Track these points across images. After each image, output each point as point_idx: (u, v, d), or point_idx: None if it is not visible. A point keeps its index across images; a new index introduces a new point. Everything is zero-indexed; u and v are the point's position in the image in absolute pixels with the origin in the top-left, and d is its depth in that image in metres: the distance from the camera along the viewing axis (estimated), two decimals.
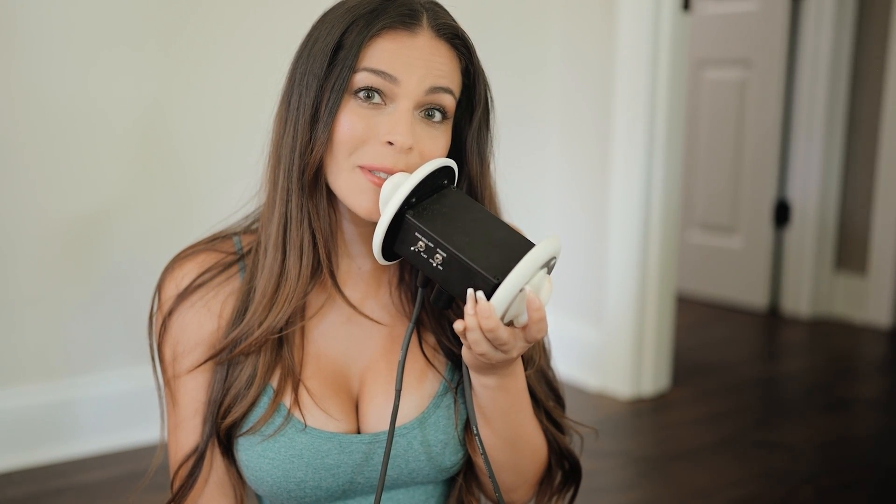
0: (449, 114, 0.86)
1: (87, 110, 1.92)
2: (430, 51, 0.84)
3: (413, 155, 0.83)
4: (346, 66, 0.82)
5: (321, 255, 0.87)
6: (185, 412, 0.91)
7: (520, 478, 0.94)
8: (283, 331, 0.88)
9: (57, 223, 1.92)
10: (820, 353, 3.00)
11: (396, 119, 0.82)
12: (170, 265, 0.94)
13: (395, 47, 0.83)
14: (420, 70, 0.82)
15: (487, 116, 0.91)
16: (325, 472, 0.88)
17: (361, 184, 0.83)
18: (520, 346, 0.79)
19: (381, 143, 0.82)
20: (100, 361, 2.00)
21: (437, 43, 0.85)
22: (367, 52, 0.82)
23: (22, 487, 1.82)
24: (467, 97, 0.89)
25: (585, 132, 2.49)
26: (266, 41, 2.06)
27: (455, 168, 0.85)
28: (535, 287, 0.76)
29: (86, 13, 1.89)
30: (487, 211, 0.83)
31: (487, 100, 0.90)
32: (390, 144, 0.82)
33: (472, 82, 0.88)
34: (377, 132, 0.82)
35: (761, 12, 3.25)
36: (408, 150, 0.82)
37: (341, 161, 0.83)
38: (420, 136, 0.83)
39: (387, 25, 0.83)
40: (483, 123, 0.90)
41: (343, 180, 0.84)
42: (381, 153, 0.82)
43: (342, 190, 0.84)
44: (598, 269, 2.48)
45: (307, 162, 0.84)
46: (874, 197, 3.13)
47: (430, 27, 0.85)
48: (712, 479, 1.95)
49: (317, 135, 0.83)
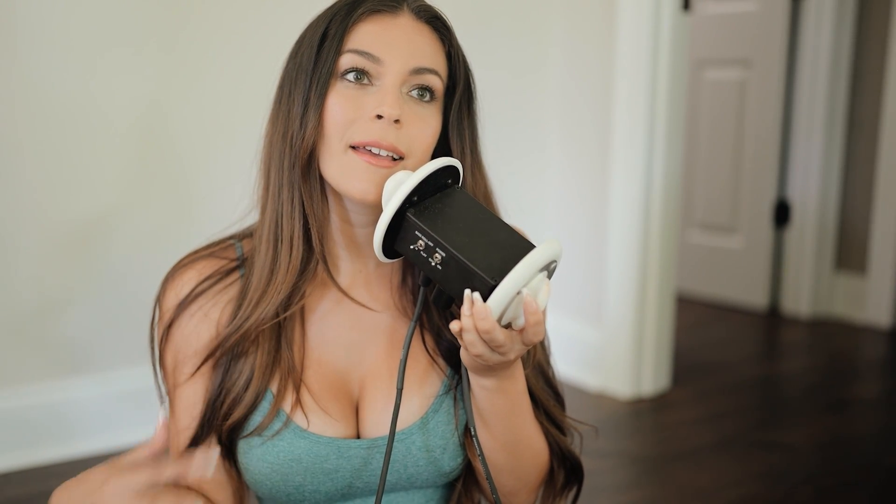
0: (437, 94, 0.87)
1: (88, 111, 1.92)
2: (412, 31, 0.86)
3: (402, 133, 0.83)
4: (332, 50, 0.84)
5: (314, 238, 0.87)
6: (181, 422, 0.91)
7: (520, 482, 0.94)
8: (278, 317, 0.88)
9: (57, 224, 1.92)
10: (820, 353, 3.00)
11: (384, 93, 0.83)
12: (170, 274, 0.93)
13: (377, 29, 0.85)
14: (403, 51, 0.84)
15: (470, 100, 0.91)
16: (323, 477, 0.88)
17: (354, 163, 0.83)
18: (517, 349, 0.79)
19: (369, 118, 0.83)
20: (100, 361, 2.00)
21: (418, 25, 0.87)
22: (351, 36, 0.84)
23: (22, 487, 1.83)
24: (451, 81, 0.90)
25: (585, 132, 2.49)
26: (266, 42, 2.06)
27: (460, 168, 0.85)
28: (532, 290, 0.75)
29: (86, 14, 1.89)
30: (490, 212, 0.83)
31: (468, 82, 0.91)
32: (379, 118, 0.82)
33: (454, 65, 0.89)
34: (366, 109, 0.83)
35: (761, 12, 3.25)
36: (396, 123, 0.83)
37: (334, 144, 0.84)
38: (408, 113, 0.84)
39: (368, 10, 0.85)
40: (464, 105, 0.90)
41: (336, 165, 0.84)
42: (370, 128, 0.83)
43: (335, 176, 0.84)
44: (598, 269, 2.48)
45: (299, 148, 0.85)
46: (874, 197, 3.13)
47: (411, 10, 0.87)
48: (712, 479, 1.95)
49: (307, 119, 0.84)
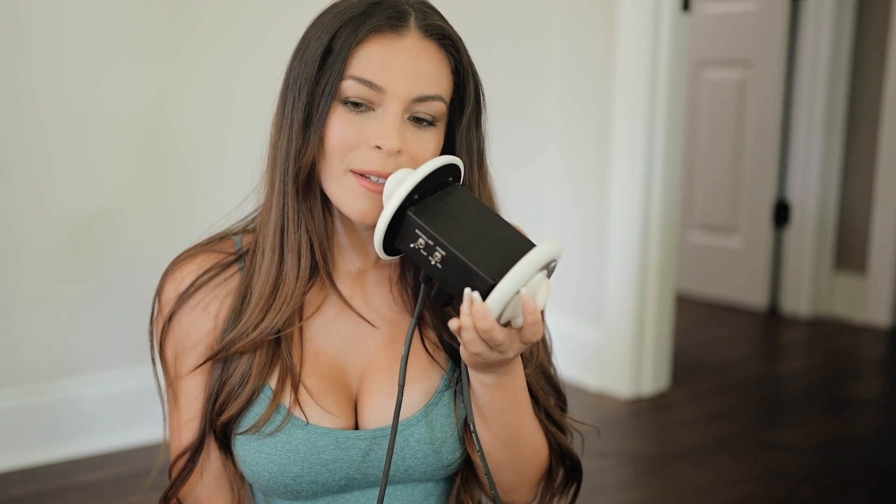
0: (439, 117, 0.86)
1: (90, 110, 1.92)
2: (417, 53, 0.84)
3: (403, 158, 0.84)
4: (335, 72, 0.83)
5: (317, 257, 0.89)
6: (186, 413, 0.92)
7: (519, 478, 0.94)
8: (281, 332, 0.89)
9: (59, 223, 1.92)
10: (819, 353, 3.01)
11: (385, 124, 0.83)
12: (169, 268, 0.94)
13: (381, 53, 0.83)
14: (407, 78, 0.83)
15: (478, 115, 0.91)
16: (321, 468, 0.89)
17: (353, 188, 0.84)
18: (516, 348, 0.79)
19: (370, 147, 0.83)
20: (101, 361, 2.00)
21: (425, 44, 0.85)
22: (355, 59, 0.83)
23: (23, 487, 1.83)
24: (459, 96, 0.89)
25: (585, 132, 2.50)
26: (269, 41, 2.06)
27: (461, 166, 0.86)
28: (531, 290, 0.76)
29: (88, 15, 1.89)
30: (491, 210, 0.83)
31: (478, 99, 0.91)
32: (379, 148, 0.83)
33: (463, 81, 0.89)
34: (366, 137, 0.83)
35: (761, 12, 3.25)
36: (397, 153, 0.83)
37: (334, 166, 0.85)
38: (409, 139, 0.84)
39: (374, 28, 0.83)
40: (472, 122, 0.90)
41: (336, 185, 0.85)
42: (370, 157, 0.83)
43: (335, 195, 0.86)
44: (598, 268, 2.48)
45: (300, 165, 0.85)
46: (874, 197, 3.14)
47: (418, 28, 0.85)
48: (712, 478, 1.95)
49: (308, 140, 0.84)
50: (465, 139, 0.90)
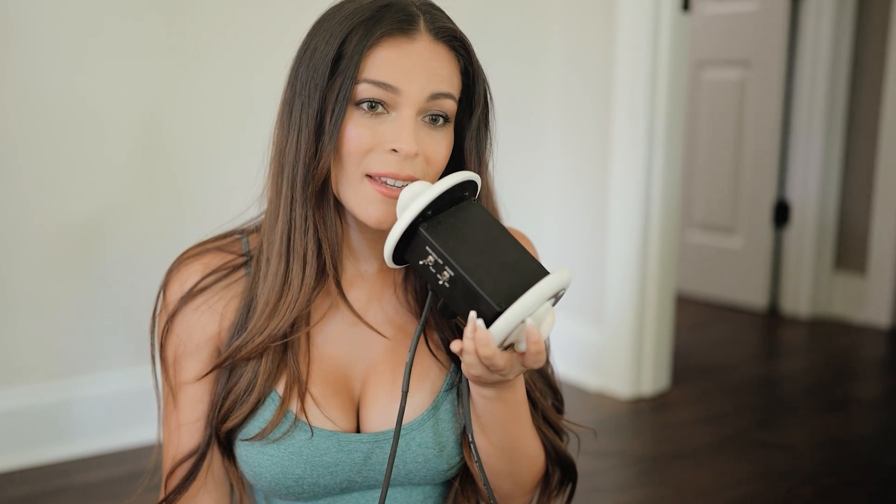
0: (450, 117, 0.86)
1: (87, 112, 1.92)
2: (429, 55, 0.84)
3: (418, 160, 0.84)
4: (348, 76, 0.82)
5: (327, 264, 0.87)
6: (185, 416, 0.92)
7: (516, 486, 0.94)
8: (287, 337, 0.88)
9: (56, 224, 1.92)
10: (819, 353, 3.01)
11: (400, 126, 0.82)
12: (175, 264, 0.93)
13: (394, 56, 0.83)
14: (420, 77, 0.83)
15: (486, 117, 0.91)
16: (323, 470, 0.89)
17: (370, 194, 0.84)
18: (517, 370, 0.80)
19: (386, 150, 0.83)
20: (99, 361, 2.00)
21: (435, 46, 0.85)
22: (368, 63, 0.83)
23: (22, 487, 1.82)
24: (467, 96, 0.89)
25: (585, 132, 2.49)
26: (268, 45, 2.06)
27: (478, 182, 0.85)
28: (537, 319, 0.75)
29: (86, 15, 1.89)
30: (504, 229, 0.82)
31: (487, 100, 0.91)
32: (395, 151, 0.82)
33: (472, 82, 0.89)
34: (382, 140, 0.83)
35: (761, 12, 3.25)
36: (413, 155, 0.83)
37: (350, 171, 0.84)
38: (424, 140, 0.84)
39: (385, 33, 0.83)
40: (482, 123, 0.91)
41: (352, 191, 0.85)
42: (386, 160, 0.83)
43: (350, 200, 0.85)
44: (598, 269, 2.48)
45: (314, 174, 0.84)
46: (874, 197, 3.13)
47: (428, 31, 0.85)
48: (712, 478, 1.95)
49: (323, 146, 0.83)
50: (474, 141, 0.90)
